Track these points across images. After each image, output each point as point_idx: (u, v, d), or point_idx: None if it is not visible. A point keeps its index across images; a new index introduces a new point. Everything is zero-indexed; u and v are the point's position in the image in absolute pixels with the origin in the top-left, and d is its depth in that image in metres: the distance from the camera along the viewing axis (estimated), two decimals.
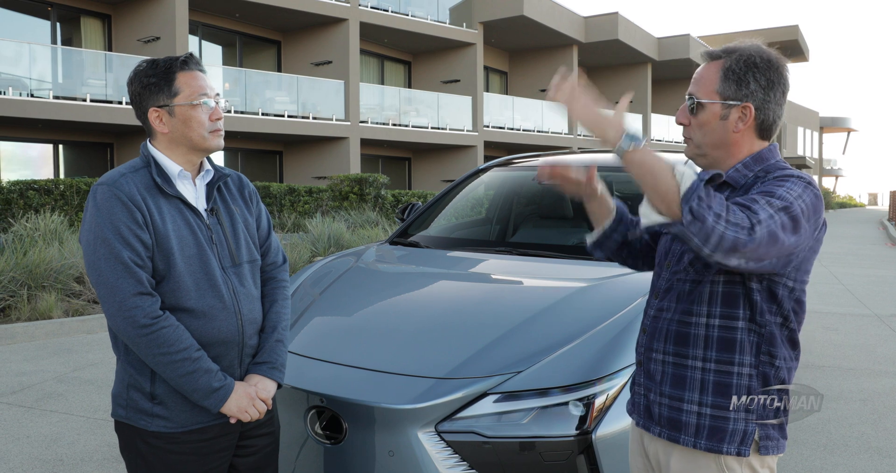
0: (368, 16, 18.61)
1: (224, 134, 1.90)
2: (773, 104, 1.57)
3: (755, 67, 1.55)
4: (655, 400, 1.65)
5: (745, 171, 1.59)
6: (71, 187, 10.26)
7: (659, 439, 1.66)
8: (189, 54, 1.86)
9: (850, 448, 3.88)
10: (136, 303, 1.71)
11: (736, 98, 1.56)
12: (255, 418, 1.86)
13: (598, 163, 4.42)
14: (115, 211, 1.73)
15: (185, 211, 1.84)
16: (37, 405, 4.49)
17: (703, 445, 1.56)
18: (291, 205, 13.78)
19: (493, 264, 3.42)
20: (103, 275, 1.72)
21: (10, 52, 13.27)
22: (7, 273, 6.74)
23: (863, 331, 6.99)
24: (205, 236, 1.85)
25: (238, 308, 1.87)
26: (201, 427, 1.83)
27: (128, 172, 1.81)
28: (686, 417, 1.59)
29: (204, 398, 1.78)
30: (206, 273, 1.82)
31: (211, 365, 1.79)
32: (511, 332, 2.49)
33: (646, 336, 1.71)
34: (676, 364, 1.61)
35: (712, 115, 1.58)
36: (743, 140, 1.59)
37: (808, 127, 50.44)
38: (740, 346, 1.55)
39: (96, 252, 1.73)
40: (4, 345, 6.07)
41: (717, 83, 1.57)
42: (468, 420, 2.21)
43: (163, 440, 1.81)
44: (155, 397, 1.80)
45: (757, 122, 1.58)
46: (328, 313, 2.94)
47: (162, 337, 1.72)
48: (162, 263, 1.77)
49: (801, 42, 36.91)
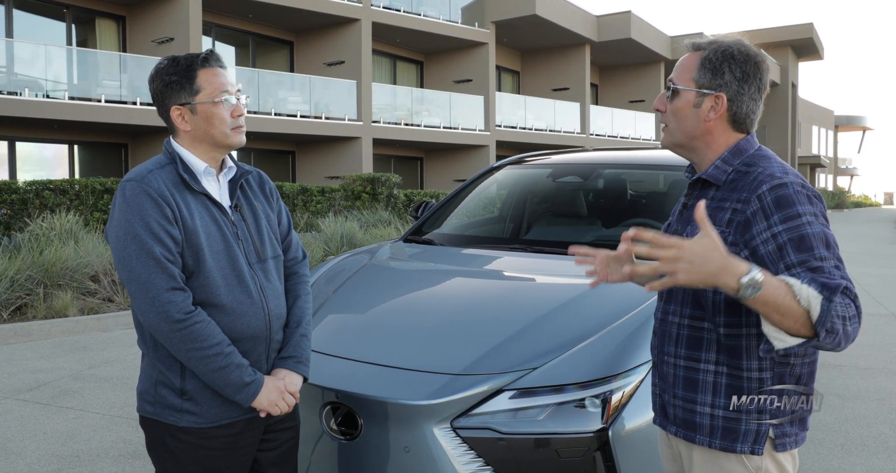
0: (381, 16, 18.64)
1: (245, 129, 1.90)
2: (747, 97, 1.59)
3: (732, 58, 1.58)
4: (670, 401, 1.66)
5: (724, 167, 1.60)
6: (86, 188, 10.33)
7: (676, 437, 1.67)
8: (210, 51, 1.86)
9: (867, 447, 3.84)
10: (169, 298, 1.70)
11: (710, 87, 1.58)
12: (284, 411, 1.87)
13: (607, 161, 4.40)
14: (144, 207, 1.73)
15: (212, 207, 1.84)
16: (53, 401, 4.53)
17: (718, 444, 1.57)
18: (304, 205, 13.81)
19: (508, 262, 3.41)
20: (135, 271, 1.71)
21: (26, 54, 13.39)
22: (24, 272, 6.80)
23: (879, 330, 6.93)
24: (231, 233, 1.85)
25: (266, 304, 1.87)
26: (230, 421, 1.84)
27: (155, 168, 1.81)
28: (700, 418, 1.59)
29: (236, 393, 1.78)
30: (235, 269, 1.83)
31: (242, 360, 1.79)
32: (526, 328, 2.48)
33: (657, 338, 1.71)
34: (688, 368, 1.61)
35: (686, 102, 1.60)
36: (716, 130, 1.60)
37: (823, 126, 50.06)
38: (747, 351, 1.54)
39: (127, 248, 1.72)
40: (21, 343, 6.12)
41: (694, 71, 1.60)
42: (484, 416, 2.20)
43: (192, 435, 1.81)
44: (185, 393, 1.80)
45: (730, 113, 1.59)
46: (343, 310, 2.94)
47: (195, 332, 1.72)
48: (191, 258, 1.77)
49: (816, 40, 36.64)
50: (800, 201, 1.46)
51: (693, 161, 1.68)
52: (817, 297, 1.33)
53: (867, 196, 61.34)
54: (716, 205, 1.57)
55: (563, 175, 4.24)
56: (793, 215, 1.45)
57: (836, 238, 1.49)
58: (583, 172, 4.18)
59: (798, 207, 1.46)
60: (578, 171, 4.20)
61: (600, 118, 25.77)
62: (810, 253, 1.41)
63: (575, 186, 4.17)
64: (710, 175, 1.61)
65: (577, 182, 4.17)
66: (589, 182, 4.16)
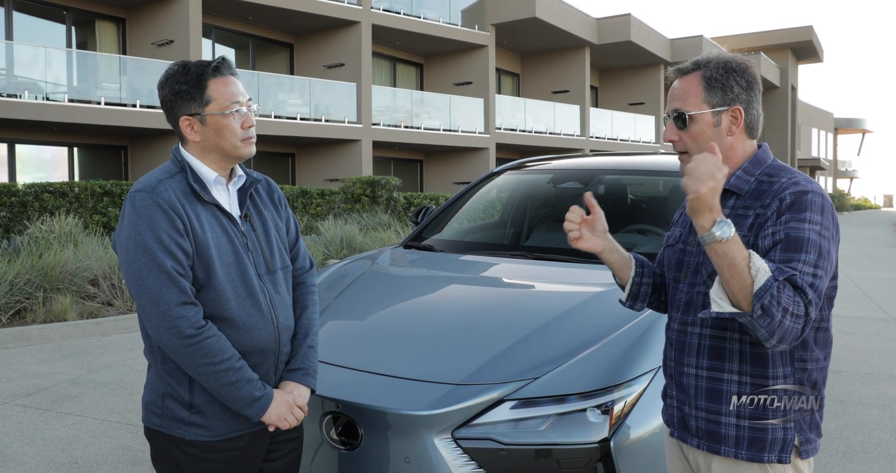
0: (380, 18, 18.63)
1: (255, 140, 1.87)
2: (755, 103, 1.64)
3: (733, 71, 1.62)
4: (691, 413, 1.66)
5: (746, 177, 1.63)
6: (86, 190, 10.32)
7: (698, 449, 1.66)
8: (222, 58, 1.82)
9: (868, 454, 3.82)
10: (180, 313, 1.68)
11: (724, 103, 1.61)
12: (293, 425, 1.85)
13: (607, 167, 4.39)
14: (155, 219, 1.70)
15: (222, 218, 1.81)
16: (52, 407, 4.51)
17: (745, 455, 1.58)
18: (304, 207, 13.80)
19: (508, 269, 3.40)
20: (145, 285, 1.68)
21: (26, 56, 13.38)
22: (22, 276, 6.79)
23: (880, 335, 6.92)
24: (241, 244, 1.83)
25: (275, 316, 1.85)
26: (238, 435, 1.82)
27: (164, 177, 1.77)
28: (725, 430, 1.60)
29: (246, 408, 1.77)
30: (245, 281, 1.80)
31: (252, 374, 1.78)
32: (527, 337, 2.47)
33: (674, 350, 1.70)
34: (711, 378, 1.61)
35: (705, 124, 1.62)
36: (737, 143, 1.64)
37: (822, 128, 50.07)
38: (773, 360, 1.56)
39: (137, 261, 1.69)
40: (20, 347, 6.10)
41: (703, 94, 1.61)
42: (485, 426, 2.19)
43: (199, 448, 1.79)
44: (193, 406, 1.78)
45: (745, 122, 1.63)
46: (343, 317, 2.93)
47: (206, 347, 1.70)
48: (202, 271, 1.74)
49: (816, 43, 36.67)
50: (812, 209, 1.49)
51: None
52: (767, 272, 1.38)
53: (867, 199, 61.34)
54: (738, 213, 1.60)
55: (564, 181, 4.23)
56: (799, 219, 1.48)
57: (835, 254, 1.51)
58: (583, 178, 4.17)
59: (807, 213, 1.49)
60: (579, 176, 4.19)
61: (600, 121, 25.77)
62: (796, 255, 1.44)
63: (575, 191, 4.16)
64: (732, 185, 1.63)
65: (579, 188, 4.16)
66: (590, 188, 4.15)
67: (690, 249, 1.69)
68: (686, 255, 1.69)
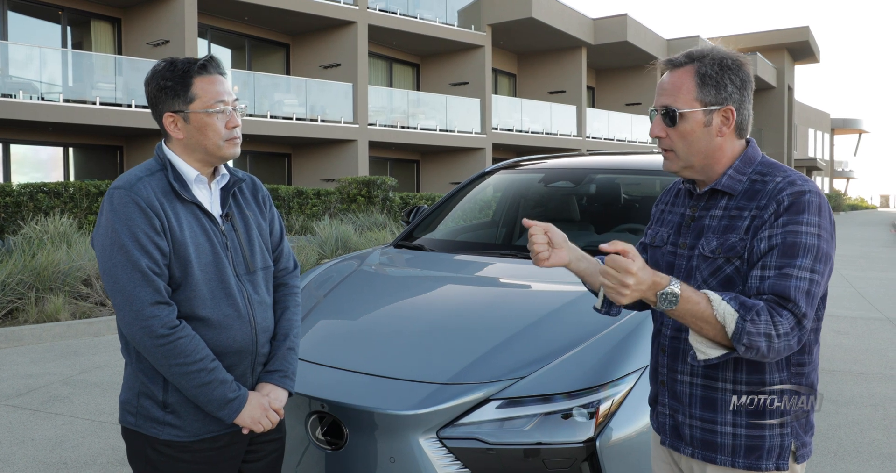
0: (377, 18, 18.62)
1: (241, 141, 1.85)
2: (747, 103, 1.58)
3: (729, 68, 1.55)
4: (685, 422, 1.61)
5: (738, 176, 1.58)
6: (80, 190, 10.30)
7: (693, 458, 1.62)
8: (209, 56, 1.80)
9: (861, 454, 3.82)
10: (153, 312, 1.67)
11: (716, 102, 1.54)
12: (267, 428, 1.83)
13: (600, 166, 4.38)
14: (132, 217, 1.68)
15: (202, 217, 1.80)
16: (42, 407, 4.49)
17: (742, 463, 1.54)
18: (299, 207, 13.79)
19: (499, 268, 3.39)
20: (120, 283, 1.68)
21: (21, 56, 13.35)
22: (15, 276, 6.77)
23: (874, 335, 6.92)
24: (220, 243, 1.81)
25: (252, 317, 1.84)
26: (213, 435, 1.81)
27: (144, 175, 1.76)
28: (721, 438, 1.56)
29: (218, 410, 1.75)
30: (222, 281, 1.78)
31: (226, 376, 1.76)
32: (514, 337, 2.46)
33: (667, 357, 1.65)
34: (706, 387, 1.58)
35: (695, 123, 1.55)
36: (726, 144, 1.58)
37: (819, 128, 50.13)
38: (769, 366, 1.54)
39: (112, 259, 1.68)
40: (12, 347, 6.08)
41: (696, 90, 1.54)
42: (470, 426, 2.18)
43: (173, 448, 1.78)
44: (167, 406, 1.77)
45: (736, 122, 1.57)
46: (330, 317, 2.92)
47: (179, 348, 1.68)
48: (178, 271, 1.73)
49: (812, 43, 36.70)
50: (810, 210, 1.47)
51: (699, 178, 1.63)
52: (733, 314, 1.38)
53: (863, 199, 61.47)
54: (732, 214, 1.55)
55: (556, 180, 4.22)
56: (797, 222, 1.46)
57: (831, 253, 1.49)
58: (575, 177, 4.16)
59: (805, 215, 1.46)
60: (571, 176, 4.19)
61: (596, 121, 25.78)
62: (791, 260, 1.43)
63: (568, 191, 4.15)
64: (725, 186, 1.58)
65: (570, 187, 4.16)
66: (581, 187, 4.14)
67: (681, 252, 1.63)
68: (677, 258, 1.64)
